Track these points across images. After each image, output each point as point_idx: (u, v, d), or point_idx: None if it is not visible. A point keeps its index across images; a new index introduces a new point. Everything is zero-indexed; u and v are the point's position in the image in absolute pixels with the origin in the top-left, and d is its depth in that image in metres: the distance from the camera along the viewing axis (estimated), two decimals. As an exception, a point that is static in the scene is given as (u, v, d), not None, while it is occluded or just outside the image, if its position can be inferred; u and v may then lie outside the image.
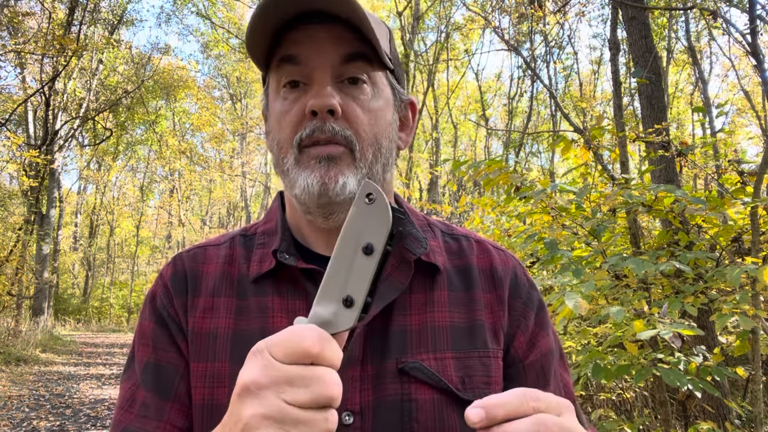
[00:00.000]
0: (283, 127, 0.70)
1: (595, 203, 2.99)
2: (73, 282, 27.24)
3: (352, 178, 0.68)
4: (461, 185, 18.99)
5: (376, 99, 0.72)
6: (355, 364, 0.66)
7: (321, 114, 0.67)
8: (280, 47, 0.69)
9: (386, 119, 0.73)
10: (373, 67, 0.71)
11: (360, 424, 0.64)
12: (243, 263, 0.76)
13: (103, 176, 26.57)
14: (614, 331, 2.43)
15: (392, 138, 0.75)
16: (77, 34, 14.44)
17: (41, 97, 14.38)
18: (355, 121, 0.69)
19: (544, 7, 11.85)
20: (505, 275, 0.77)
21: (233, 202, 31.89)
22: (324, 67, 0.68)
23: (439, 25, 18.29)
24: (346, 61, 0.68)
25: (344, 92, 0.69)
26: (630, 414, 3.60)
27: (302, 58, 0.68)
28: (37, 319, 13.60)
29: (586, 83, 21.04)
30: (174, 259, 0.79)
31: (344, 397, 0.64)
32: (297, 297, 0.71)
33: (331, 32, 0.68)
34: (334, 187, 0.67)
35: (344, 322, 0.48)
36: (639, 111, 4.52)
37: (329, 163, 0.67)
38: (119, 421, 0.71)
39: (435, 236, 0.80)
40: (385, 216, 0.48)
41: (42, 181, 14.12)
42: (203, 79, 29.09)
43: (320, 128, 0.67)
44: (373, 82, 0.72)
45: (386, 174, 0.74)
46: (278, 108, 0.71)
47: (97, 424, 5.70)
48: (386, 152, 0.73)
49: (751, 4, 3.40)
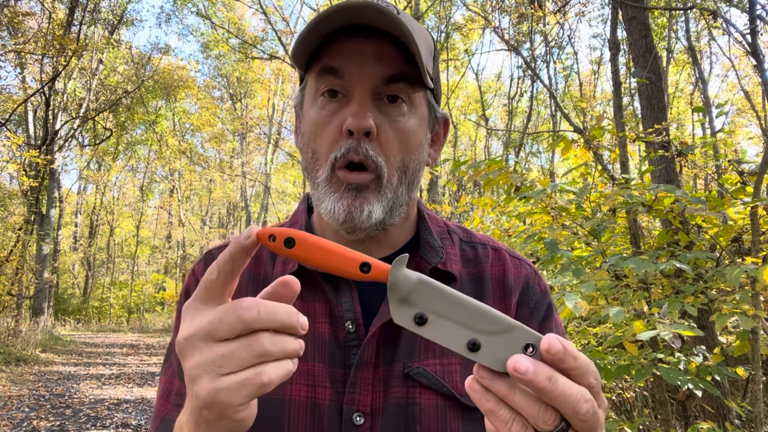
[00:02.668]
0: (320, 139, 0.71)
1: (595, 203, 2.99)
2: (73, 282, 27.22)
3: (378, 206, 0.70)
4: (461, 185, 18.99)
5: (412, 119, 0.72)
6: (368, 367, 0.69)
7: (357, 135, 0.68)
8: (324, 55, 0.70)
9: (418, 140, 0.74)
10: (414, 88, 0.71)
11: (370, 425, 0.66)
12: (269, 263, 0.79)
13: (103, 176, 26.55)
14: (614, 331, 2.43)
15: (421, 159, 0.75)
16: (77, 34, 14.44)
17: (41, 97, 14.37)
18: (387, 145, 0.70)
19: (544, 7, 11.85)
20: (516, 284, 0.79)
21: (233, 202, 31.86)
22: (365, 84, 0.68)
23: (439, 25, 18.29)
24: (387, 82, 0.69)
25: (381, 110, 0.70)
26: (630, 414, 3.60)
27: (345, 72, 0.68)
28: (37, 319, 13.59)
29: (586, 83, 21.04)
30: (205, 255, 0.83)
31: (356, 399, 0.67)
32: (316, 300, 0.74)
33: (376, 49, 0.68)
34: (360, 216, 0.69)
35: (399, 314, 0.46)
36: (639, 111, 4.52)
37: (357, 193, 0.69)
38: (159, 410, 0.74)
39: (453, 243, 0.82)
40: None
41: (42, 181, 14.12)
42: (203, 79, 29.09)
43: (355, 149, 0.68)
44: (411, 101, 0.72)
45: (411, 193, 0.76)
46: (314, 116, 0.72)
47: (97, 424, 5.70)
48: (412, 174, 0.74)
49: (751, 4, 3.40)
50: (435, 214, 0.87)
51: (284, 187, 31.19)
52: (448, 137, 0.86)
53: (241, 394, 0.44)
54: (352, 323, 0.71)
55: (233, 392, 0.44)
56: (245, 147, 27.26)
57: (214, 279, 0.47)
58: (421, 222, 0.82)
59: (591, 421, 0.43)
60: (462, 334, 0.44)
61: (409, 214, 0.80)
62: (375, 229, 0.72)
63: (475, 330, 0.44)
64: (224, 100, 27.78)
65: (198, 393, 0.45)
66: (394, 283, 0.46)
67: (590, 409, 0.42)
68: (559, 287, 2.51)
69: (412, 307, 0.46)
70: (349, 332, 0.71)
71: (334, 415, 0.67)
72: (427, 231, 0.80)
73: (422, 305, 0.46)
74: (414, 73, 0.69)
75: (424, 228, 0.80)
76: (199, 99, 26.24)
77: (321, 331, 0.72)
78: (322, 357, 0.70)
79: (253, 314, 0.44)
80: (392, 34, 0.66)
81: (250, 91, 26.64)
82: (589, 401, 0.42)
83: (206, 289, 0.47)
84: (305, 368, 0.69)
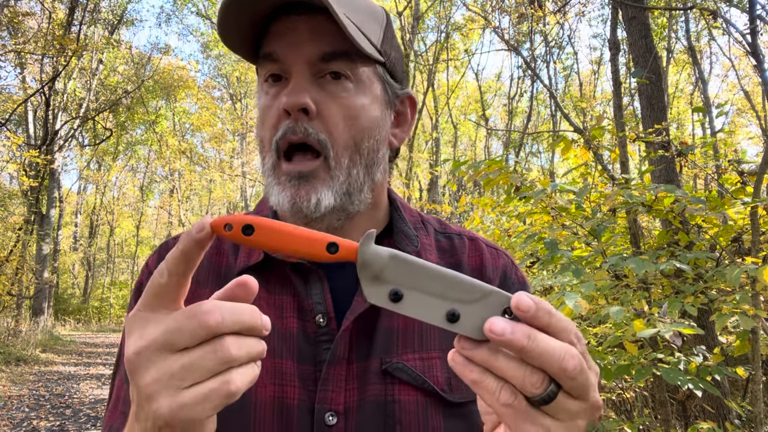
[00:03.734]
0: (264, 125, 0.69)
1: (595, 203, 2.99)
2: (73, 282, 27.23)
3: (327, 193, 0.65)
4: (461, 185, 18.99)
5: (358, 95, 0.67)
6: (341, 363, 0.65)
7: (294, 113, 0.64)
8: (264, 41, 0.67)
9: (370, 117, 0.69)
10: (356, 64, 0.67)
11: (343, 425, 0.63)
12: (231, 254, 0.74)
13: (103, 176, 26.57)
14: (614, 331, 2.43)
15: (379, 137, 0.71)
16: (77, 34, 14.44)
17: (41, 97, 14.38)
18: (330, 121, 0.65)
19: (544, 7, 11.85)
20: (494, 274, 0.77)
21: (233, 202, 31.88)
22: (300, 64, 0.65)
23: (439, 25, 18.29)
24: (325, 60, 0.65)
25: (323, 88, 0.66)
26: (630, 414, 3.60)
27: (280, 55, 0.65)
28: (37, 319, 13.60)
29: (586, 83, 21.05)
30: (160, 248, 0.77)
31: (329, 397, 0.63)
32: (285, 292, 0.70)
33: (310, 26, 0.64)
34: (307, 206, 0.65)
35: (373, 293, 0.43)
36: (639, 111, 4.52)
37: (300, 182, 0.65)
38: (107, 420, 0.69)
39: (428, 233, 0.79)
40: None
41: (42, 181, 14.12)
42: (203, 79, 29.13)
43: (292, 129, 0.64)
44: (357, 77, 0.67)
45: (374, 175, 0.71)
46: (261, 103, 0.70)
47: (97, 424, 5.70)
48: (369, 153, 0.69)
49: (751, 4, 3.40)
50: (408, 204, 0.83)
51: (284, 187, 31.17)
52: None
53: (207, 407, 0.40)
54: (323, 317, 0.67)
55: (198, 406, 0.40)
56: (245, 147, 27.27)
57: (165, 282, 0.42)
58: (393, 211, 0.78)
59: (580, 379, 0.41)
60: (440, 306, 0.42)
61: (378, 201, 0.75)
62: (336, 218, 0.68)
63: (452, 300, 0.42)
64: (224, 100, 27.81)
65: (157, 411, 0.40)
66: (365, 260, 0.43)
67: (578, 365, 0.40)
68: (559, 287, 2.51)
69: (385, 284, 0.43)
70: (320, 326, 0.66)
71: (304, 415, 0.63)
72: (401, 219, 0.76)
73: (396, 281, 0.43)
74: (354, 49, 0.64)
75: (397, 217, 0.77)
76: (199, 99, 26.26)
77: (289, 326, 0.67)
78: (290, 353, 0.65)
79: (216, 318, 0.40)
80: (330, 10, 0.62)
81: (250, 91, 26.65)
82: (575, 356, 0.40)
83: (155, 295, 0.42)
84: (272, 366, 0.64)
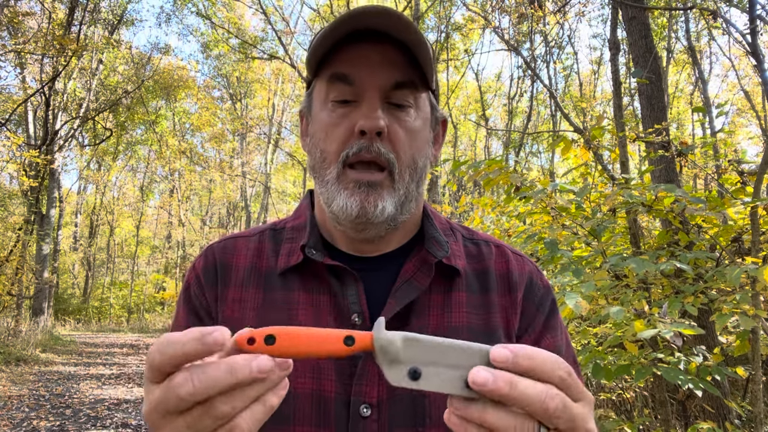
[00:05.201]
0: (331, 139, 0.73)
1: (595, 203, 2.99)
2: (73, 282, 27.22)
3: (390, 201, 0.71)
4: (461, 185, 18.99)
5: (417, 120, 0.74)
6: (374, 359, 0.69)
7: (370, 134, 0.70)
8: (333, 61, 0.72)
9: (424, 138, 0.76)
10: (420, 91, 0.74)
11: (377, 416, 0.68)
12: (271, 256, 0.79)
13: (103, 176, 26.56)
14: (614, 331, 2.43)
15: (428, 156, 0.78)
16: (77, 34, 14.44)
17: (41, 97, 14.37)
18: (397, 143, 0.72)
19: (544, 7, 11.85)
20: (520, 280, 0.80)
21: (233, 202, 31.87)
22: (375, 89, 0.70)
23: (439, 25, 18.29)
24: (395, 87, 0.71)
25: (390, 113, 0.72)
26: (630, 414, 3.60)
27: (355, 79, 0.71)
28: (37, 319, 13.59)
29: (586, 83, 21.04)
30: (205, 251, 0.83)
31: (363, 390, 0.69)
32: (322, 292, 0.74)
33: (384, 56, 0.71)
34: (373, 212, 0.71)
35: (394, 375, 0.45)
36: (639, 111, 4.52)
37: (369, 189, 0.71)
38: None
39: (456, 240, 0.83)
40: None
41: (42, 181, 14.12)
42: (203, 79, 29.10)
43: (367, 148, 0.70)
44: (417, 104, 0.74)
45: (421, 189, 0.78)
46: (325, 119, 0.74)
47: (97, 424, 5.70)
48: (421, 171, 0.76)
49: (751, 4, 3.40)
50: (438, 212, 0.88)
51: (284, 187, 31.18)
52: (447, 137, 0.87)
53: None
54: (358, 316, 0.72)
55: None
56: (245, 147, 27.26)
57: (158, 362, 0.44)
58: (425, 218, 0.83)
59: (565, 416, 0.42)
60: (455, 376, 0.44)
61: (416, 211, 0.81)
62: (386, 226, 0.74)
63: (466, 367, 0.44)
64: (224, 100, 27.79)
65: None
66: (381, 347, 0.46)
67: (559, 404, 0.42)
68: (559, 287, 2.51)
69: (403, 365, 0.45)
70: (355, 324, 0.72)
71: (341, 407, 0.68)
72: (432, 226, 0.81)
73: (412, 360, 0.45)
74: (420, 78, 0.72)
75: (428, 224, 0.81)
76: (199, 99, 26.24)
77: (326, 323, 0.73)
78: None
79: (188, 390, 0.41)
80: (399, 39, 0.69)
81: (250, 91, 26.65)
82: (555, 397, 0.42)
83: (150, 369, 0.45)
84: (311, 361, 0.70)
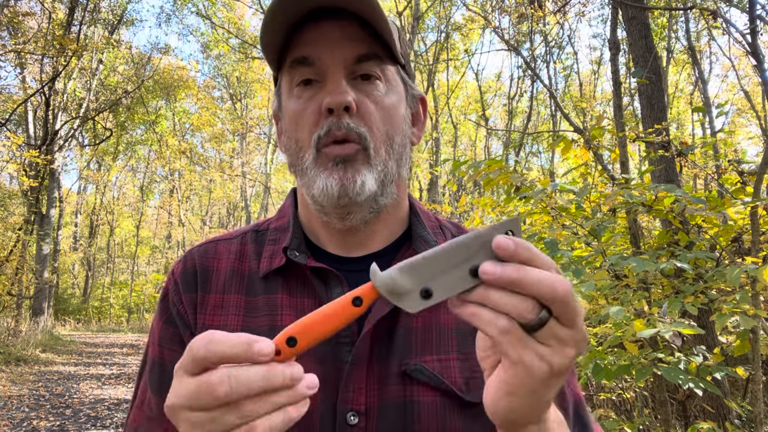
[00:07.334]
0: (301, 126, 0.71)
1: (595, 203, 2.99)
2: (73, 282, 27.23)
3: (369, 176, 0.69)
4: (461, 185, 18.99)
5: (389, 94, 0.72)
6: (361, 365, 0.66)
7: (337, 111, 0.67)
8: (293, 47, 0.70)
9: (399, 114, 0.73)
10: (386, 63, 0.72)
11: (364, 424, 0.65)
12: (254, 259, 0.76)
13: (103, 176, 26.56)
14: (614, 331, 2.43)
15: (405, 133, 0.75)
16: (77, 34, 14.44)
17: (41, 97, 14.37)
18: (368, 117, 0.69)
19: (544, 7, 11.86)
20: None
21: (233, 202, 31.88)
22: (337, 65, 0.68)
23: (439, 25, 18.30)
24: (358, 61, 0.69)
25: (358, 88, 0.70)
26: (630, 414, 3.60)
27: (315, 59, 0.68)
28: (37, 319, 13.59)
29: (586, 83, 21.05)
30: (185, 256, 0.80)
31: (349, 397, 0.65)
32: (306, 295, 0.71)
33: (344, 31, 0.68)
34: (353, 188, 0.68)
35: (410, 305, 0.47)
36: (639, 111, 4.52)
37: (345, 165, 0.68)
38: (133, 419, 0.73)
39: (445, 238, 0.81)
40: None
41: (42, 181, 14.11)
42: (203, 79, 29.12)
43: (336, 125, 0.67)
44: (386, 77, 0.72)
45: (401, 170, 0.75)
46: (293, 107, 0.72)
47: (97, 424, 5.70)
48: (399, 148, 0.73)
49: (751, 4, 3.40)
50: (426, 209, 0.85)
51: (284, 187, 31.18)
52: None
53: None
54: None
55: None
56: (245, 147, 27.26)
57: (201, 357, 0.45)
58: (413, 216, 0.80)
59: (572, 304, 0.44)
60: (462, 273, 0.46)
61: (400, 201, 0.78)
62: (369, 209, 0.71)
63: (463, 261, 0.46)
64: (224, 100, 27.80)
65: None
66: (386, 290, 0.47)
67: (568, 290, 0.44)
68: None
69: (412, 292, 0.47)
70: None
71: (327, 415, 0.65)
72: (420, 225, 0.78)
73: (419, 283, 0.47)
74: (384, 50, 0.70)
75: (416, 222, 0.79)
76: (199, 99, 26.25)
77: None
78: (312, 355, 0.67)
79: (225, 390, 0.43)
80: (358, 15, 0.66)
81: (250, 91, 26.65)
82: (564, 282, 0.44)
83: (192, 361, 0.45)
84: None
